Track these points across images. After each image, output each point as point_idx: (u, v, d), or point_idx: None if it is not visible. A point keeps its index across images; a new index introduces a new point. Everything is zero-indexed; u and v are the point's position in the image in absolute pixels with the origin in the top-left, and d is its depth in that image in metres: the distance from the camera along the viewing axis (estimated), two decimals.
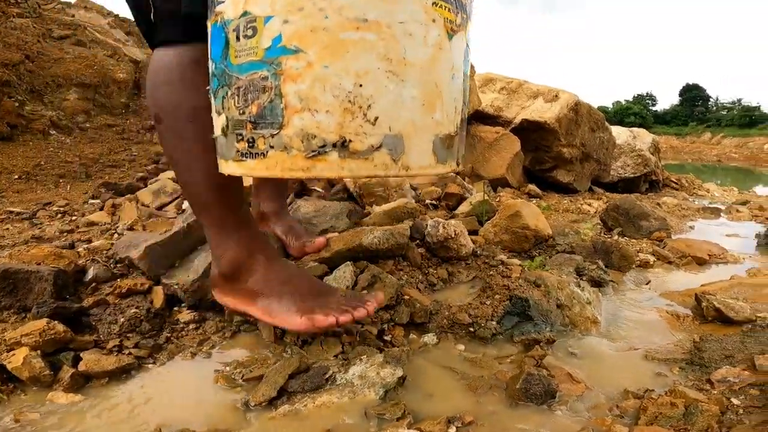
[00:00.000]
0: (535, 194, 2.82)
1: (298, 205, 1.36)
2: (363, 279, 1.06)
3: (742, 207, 2.99)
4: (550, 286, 1.17)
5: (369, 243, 1.10)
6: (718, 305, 1.10)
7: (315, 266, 1.08)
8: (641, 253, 1.74)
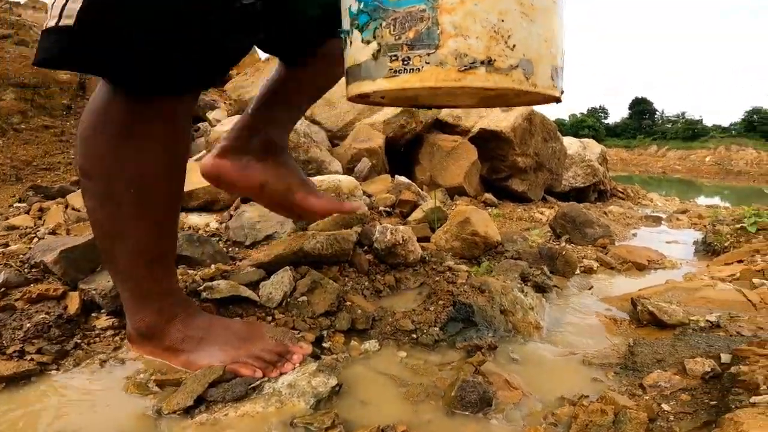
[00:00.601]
0: (491, 203, 2.88)
1: (242, 210, 1.31)
2: (302, 284, 1.03)
3: (681, 215, 3.17)
4: (494, 291, 1.17)
5: (311, 248, 1.06)
6: (652, 309, 1.13)
7: (252, 271, 1.03)
8: (585, 259, 1.80)
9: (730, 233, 2.06)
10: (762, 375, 0.70)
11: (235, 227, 1.27)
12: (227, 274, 1.03)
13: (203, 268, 1.04)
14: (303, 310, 1.02)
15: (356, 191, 1.59)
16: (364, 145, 2.47)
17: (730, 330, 1.07)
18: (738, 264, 1.75)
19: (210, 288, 0.96)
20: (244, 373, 0.76)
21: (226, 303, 0.99)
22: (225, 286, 0.96)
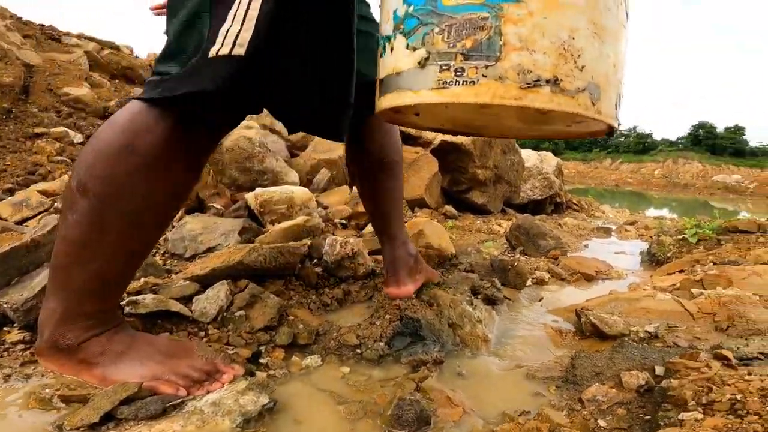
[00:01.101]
0: (451, 215, 2.90)
1: (184, 221, 1.25)
2: (240, 299, 0.98)
3: (630, 226, 3.31)
4: (442, 305, 1.16)
5: (252, 261, 1.02)
6: (594, 320, 1.16)
7: (185, 285, 0.98)
8: (538, 271, 1.83)
9: (673, 244, 2.16)
10: (691, 390, 0.72)
11: (175, 239, 1.21)
12: (157, 288, 0.98)
13: (132, 282, 0.98)
14: (240, 325, 0.98)
15: (310, 203, 1.56)
16: (323, 155, 2.44)
17: (667, 340, 1.10)
18: (679, 274, 1.82)
19: (134, 302, 0.90)
20: (165, 391, 0.71)
21: (153, 318, 0.93)
22: (151, 301, 0.90)
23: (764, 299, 1.36)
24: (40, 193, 1.56)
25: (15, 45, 3.16)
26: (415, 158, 2.95)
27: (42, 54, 3.38)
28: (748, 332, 1.09)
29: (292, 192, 1.51)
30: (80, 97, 2.82)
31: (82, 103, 2.81)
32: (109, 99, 3.05)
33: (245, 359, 0.89)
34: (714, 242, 1.98)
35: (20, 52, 3.12)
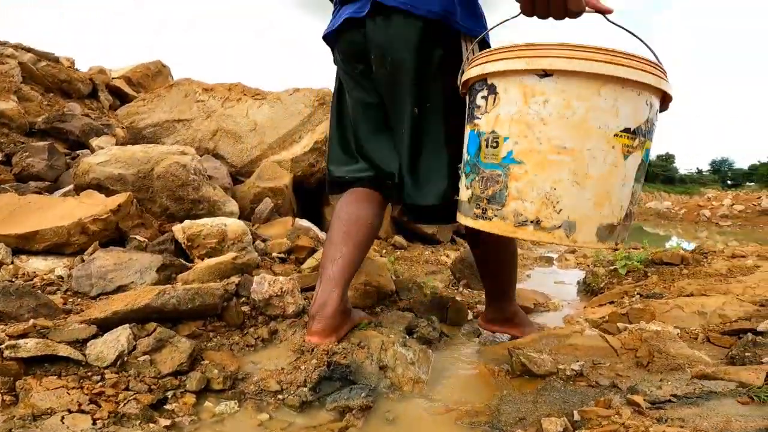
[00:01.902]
0: (400, 245, 2.90)
1: (95, 256, 1.15)
2: (145, 344, 0.91)
3: (570, 255, 3.43)
4: (373, 347, 1.13)
5: (162, 304, 0.95)
6: (524, 360, 1.16)
7: (80, 328, 0.90)
8: (479, 305, 1.84)
9: (606, 275, 2.26)
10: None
11: (80, 276, 1.11)
12: (46, 331, 0.88)
13: (17, 323, 0.89)
14: (144, 370, 0.90)
15: (245, 237, 1.50)
16: (268, 184, 2.38)
17: (591, 379, 1.12)
18: (610, 305, 1.90)
19: (14, 347, 0.81)
20: None
21: (39, 362, 0.85)
22: (34, 345, 0.82)
23: (685, 331, 1.43)
24: None
25: None
26: None
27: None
28: (666, 368, 1.14)
29: (225, 225, 1.45)
30: (5, 112, 2.60)
31: (6, 118, 2.59)
32: (38, 114, 2.84)
33: (146, 406, 0.81)
34: (641, 274, 2.09)
35: None
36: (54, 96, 3.63)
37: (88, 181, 1.64)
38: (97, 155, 1.72)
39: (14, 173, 2.00)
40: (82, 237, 1.30)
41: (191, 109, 2.74)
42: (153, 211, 1.71)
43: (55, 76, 3.76)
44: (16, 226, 1.30)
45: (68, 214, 1.36)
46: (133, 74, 4.91)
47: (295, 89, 2.83)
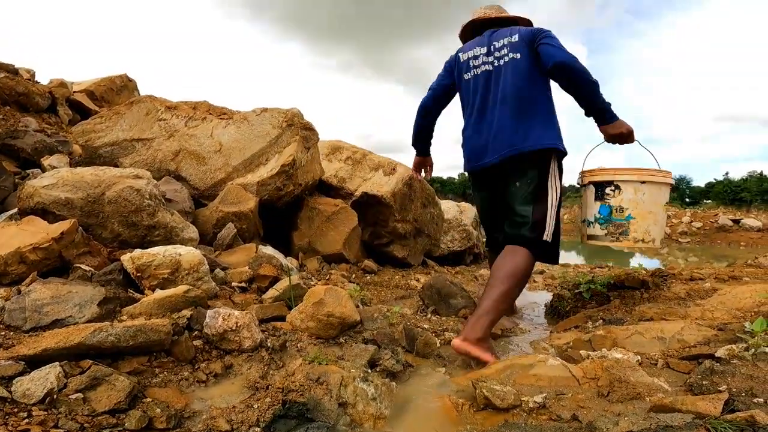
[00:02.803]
0: (371, 269, 2.85)
1: (30, 289, 1.06)
2: (77, 381, 0.84)
3: (538, 276, 3.47)
4: (332, 383, 1.08)
5: (99, 341, 0.88)
6: (487, 393, 1.13)
7: (6, 365, 0.82)
8: (447, 332, 1.81)
9: (571, 298, 2.28)
10: None
11: (13, 309, 1.02)
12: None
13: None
14: (76, 408, 0.84)
15: (200, 267, 1.43)
16: (232, 208, 2.30)
17: (553, 412, 1.10)
18: (574, 330, 1.91)
19: None
20: None
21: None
22: None
23: (646, 357, 1.44)
24: None
25: None
26: (334, 211, 2.88)
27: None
28: (626, 397, 1.13)
29: (179, 255, 1.37)
30: None
31: None
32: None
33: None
34: (604, 298, 2.12)
35: None
36: (10, 109, 3.44)
37: (32, 205, 1.54)
38: (42, 178, 1.62)
39: None
40: (21, 267, 1.21)
41: (152, 128, 2.64)
42: (103, 237, 1.62)
43: (13, 88, 3.56)
44: None
45: (6, 243, 1.26)
46: (96, 88, 4.69)
47: (263, 109, 2.77)
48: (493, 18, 1.83)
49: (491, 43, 1.71)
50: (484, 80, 1.70)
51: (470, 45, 1.80)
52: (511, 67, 1.64)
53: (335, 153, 3.54)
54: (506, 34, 1.69)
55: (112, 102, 4.77)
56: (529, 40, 1.64)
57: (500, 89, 1.65)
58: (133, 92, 5.12)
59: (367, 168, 3.43)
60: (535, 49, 1.61)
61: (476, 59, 1.74)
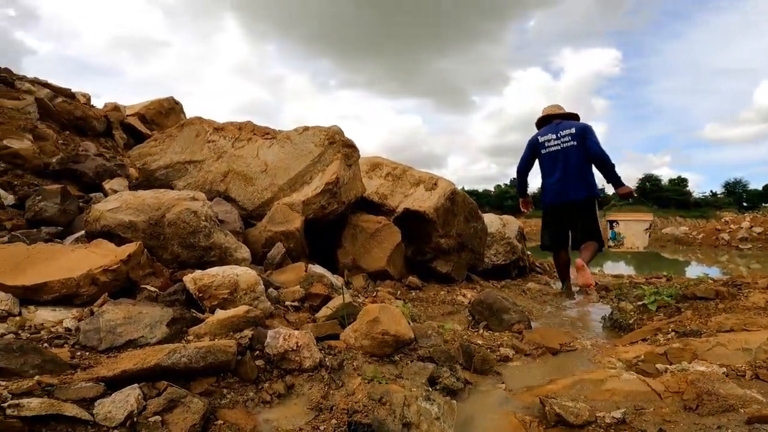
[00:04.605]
0: (415, 286, 2.81)
1: (103, 310, 1.11)
2: (156, 404, 0.85)
3: (590, 290, 3.30)
4: (395, 403, 1.05)
5: (173, 363, 0.90)
6: (559, 410, 1.07)
7: (87, 386, 0.85)
8: (502, 347, 1.74)
9: (634, 310, 2.14)
10: None
11: (88, 330, 1.06)
12: (51, 389, 0.84)
13: (20, 380, 0.84)
14: (155, 431, 0.83)
15: (257, 287, 1.44)
16: (280, 227, 2.34)
17: (635, 427, 1.03)
18: (642, 343, 1.79)
19: (17, 405, 0.76)
20: None
21: (44, 420, 0.79)
22: (38, 404, 0.77)
23: (731, 368, 1.33)
24: None
25: None
26: (377, 228, 2.87)
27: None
28: (718, 410, 1.05)
29: (236, 275, 1.40)
30: (19, 151, 2.56)
31: (21, 159, 2.55)
32: (53, 154, 2.80)
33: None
34: (674, 309, 1.98)
35: None
36: (69, 134, 3.55)
37: (99, 228, 1.62)
38: (107, 202, 1.71)
39: (26, 218, 1.98)
40: (92, 288, 1.26)
41: (202, 150, 2.75)
42: (164, 258, 1.68)
43: (71, 112, 3.69)
44: (23, 276, 1.27)
45: (77, 265, 1.33)
46: (146, 111, 4.90)
47: (305, 128, 2.82)
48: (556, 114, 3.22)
49: (558, 132, 3.07)
50: (557, 155, 3.06)
51: (545, 131, 3.15)
52: (571, 150, 3.01)
53: (375, 169, 3.55)
54: (567, 127, 3.05)
55: (161, 124, 4.97)
56: (580, 135, 3.01)
57: (568, 162, 3.01)
58: (179, 114, 5.32)
59: (408, 183, 3.41)
60: (583, 139, 2.98)
61: (550, 142, 3.10)
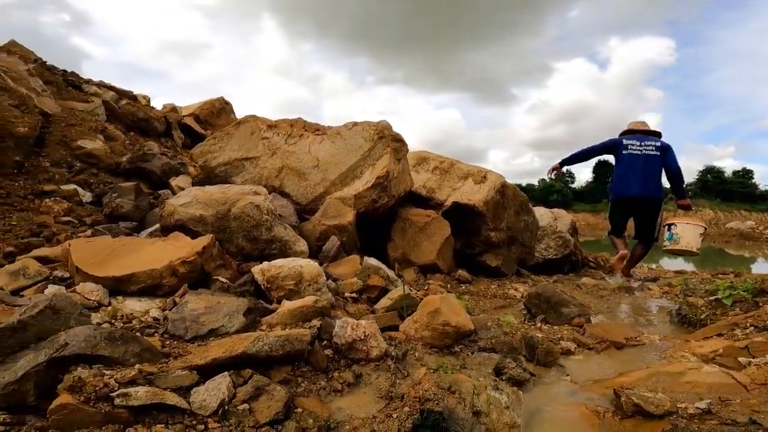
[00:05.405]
0: (465, 279, 2.79)
1: (186, 300, 1.18)
2: (243, 392, 0.89)
3: (652, 284, 3.15)
4: (465, 392, 1.05)
5: (257, 351, 0.95)
6: (637, 400, 1.04)
7: (183, 375, 0.90)
8: (563, 341, 1.70)
9: (705, 305, 2.03)
10: None
11: (175, 319, 1.14)
12: (151, 377, 0.90)
13: (123, 369, 0.91)
14: (243, 419, 0.88)
15: (319, 278, 1.49)
16: (333, 221, 2.39)
17: (723, 416, 0.98)
18: (718, 338, 1.69)
19: (125, 395, 0.82)
20: None
21: (147, 410, 0.85)
22: (144, 393, 0.83)
23: None
24: (40, 259, 1.52)
25: (35, 92, 3.06)
26: (426, 222, 2.87)
27: (61, 102, 3.33)
28: None
29: (300, 267, 1.45)
30: (93, 151, 2.75)
31: (95, 158, 2.75)
32: (122, 154, 3.01)
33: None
34: (750, 304, 1.85)
35: (39, 99, 3.03)
36: (134, 134, 3.81)
37: (173, 222, 1.73)
38: (179, 197, 1.82)
39: (104, 213, 2.15)
40: (173, 279, 1.35)
41: (257, 147, 2.85)
42: (230, 251, 1.77)
43: (135, 114, 3.97)
44: (112, 268, 1.37)
45: (158, 257, 1.42)
46: (200, 111, 5.16)
47: (354, 123, 2.86)
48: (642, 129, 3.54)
49: (642, 141, 3.38)
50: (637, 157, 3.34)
51: (630, 138, 3.44)
52: (651, 157, 3.31)
53: (421, 164, 3.54)
54: (651, 140, 3.37)
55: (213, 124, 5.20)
56: (663, 150, 3.32)
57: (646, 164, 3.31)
58: (229, 114, 5.53)
59: (456, 177, 3.37)
60: (665, 153, 3.31)
61: (633, 145, 3.38)
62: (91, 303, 1.26)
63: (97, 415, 0.81)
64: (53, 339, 0.91)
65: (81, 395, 0.83)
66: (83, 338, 0.90)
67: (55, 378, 0.86)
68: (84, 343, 0.89)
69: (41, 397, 0.84)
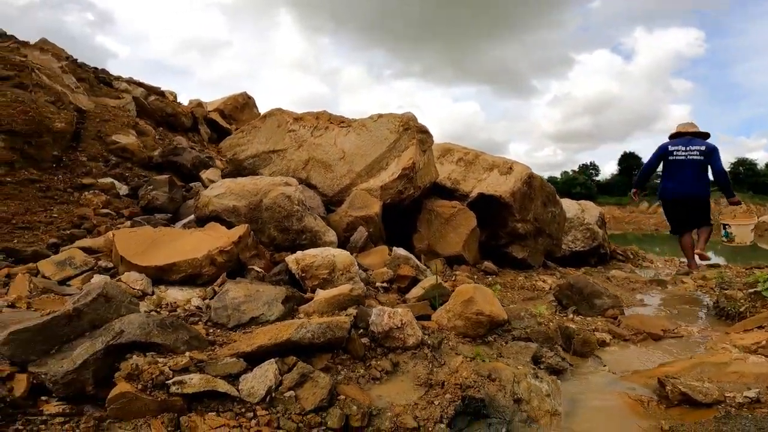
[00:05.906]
0: (491, 271, 2.77)
1: (226, 289, 1.21)
2: (289, 379, 0.91)
3: (686, 278, 3.07)
4: (505, 380, 1.05)
5: (300, 338, 0.96)
6: (684, 389, 1.03)
7: (232, 362, 0.92)
8: (597, 332, 1.68)
9: (745, 298, 1.97)
10: None
11: (218, 308, 1.17)
12: (202, 365, 0.92)
13: (175, 356, 0.93)
14: (290, 406, 0.90)
15: (352, 268, 1.50)
16: (360, 212, 2.40)
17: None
18: (759, 330, 1.65)
19: (180, 382, 0.84)
20: None
21: (199, 397, 0.87)
22: (198, 381, 0.85)
23: None
24: (84, 249, 1.57)
25: (69, 88, 3.12)
26: (452, 213, 2.85)
27: (93, 98, 3.41)
28: None
29: (333, 256, 1.46)
30: (127, 146, 2.83)
31: (129, 152, 2.83)
32: (153, 148, 3.08)
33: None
34: None
35: (73, 95, 3.10)
36: (163, 129, 3.90)
37: (207, 213, 1.77)
38: (213, 188, 1.85)
39: (141, 205, 2.21)
40: (211, 268, 1.39)
41: (284, 140, 2.88)
42: (262, 241, 1.79)
43: (163, 109, 4.06)
44: (154, 257, 1.41)
45: (197, 247, 1.45)
46: (225, 106, 5.23)
47: (379, 115, 2.85)
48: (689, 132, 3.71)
49: (687, 146, 3.59)
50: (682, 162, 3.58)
51: (676, 142, 3.65)
52: (695, 161, 3.53)
53: (446, 155, 3.51)
54: (697, 144, 3.57)
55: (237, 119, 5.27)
56: (708, 153, 3.54)
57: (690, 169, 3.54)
58: (252, 109, 5.59)
59: (481, 168, 3.34)
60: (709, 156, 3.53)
61: (678, 151, 3.61)
62: (136, 292, 1.30)
63: (153, 404, 0.82)
64: (108, 327, 0.93)
65: (138, 383, 0.85)
66: (137, 325, 0.92)
67: (111, 366, 0.88)
68: (138, 330, 0.92)
69: (98, 385, 0.85)
